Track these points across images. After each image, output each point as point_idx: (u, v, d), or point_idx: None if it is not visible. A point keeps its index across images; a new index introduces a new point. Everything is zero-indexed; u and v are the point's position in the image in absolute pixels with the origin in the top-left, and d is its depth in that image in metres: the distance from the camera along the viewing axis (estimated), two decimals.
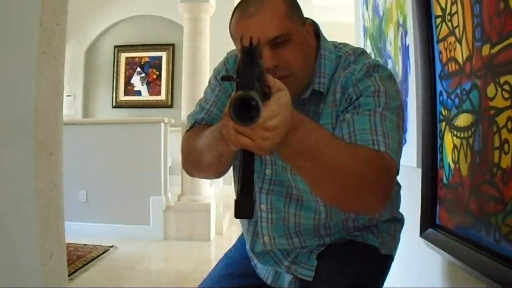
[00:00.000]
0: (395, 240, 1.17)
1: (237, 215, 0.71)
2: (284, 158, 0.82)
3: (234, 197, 0.71)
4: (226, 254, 1.29)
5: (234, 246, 1.30)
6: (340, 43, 1.08)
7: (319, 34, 1.05)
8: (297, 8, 0.99)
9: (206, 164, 1.02)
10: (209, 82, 1.17)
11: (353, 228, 1.11)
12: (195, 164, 1.07)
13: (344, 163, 0.81)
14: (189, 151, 1.07)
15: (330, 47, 1.04)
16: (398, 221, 1.19)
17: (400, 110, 0.95)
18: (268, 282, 1.17)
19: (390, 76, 0.99)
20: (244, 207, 0.70)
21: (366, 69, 0.97)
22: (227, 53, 1.17)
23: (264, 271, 1.18)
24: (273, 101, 0.66)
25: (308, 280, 1.08)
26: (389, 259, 1.14)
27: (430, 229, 1.35)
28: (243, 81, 0.64)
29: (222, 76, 1.01)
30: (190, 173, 1.13)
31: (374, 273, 1.09)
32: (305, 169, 0.82)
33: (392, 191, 0.94)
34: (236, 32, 0.95)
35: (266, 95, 0.68)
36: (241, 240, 1.26)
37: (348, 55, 1.03)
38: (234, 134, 0.69)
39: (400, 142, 0.92)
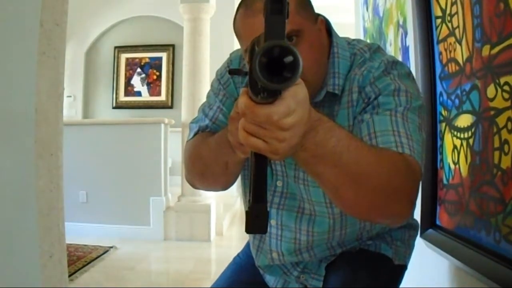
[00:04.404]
0: (410, 248, 1.10)
1: (249, 229, 0.60)
2: (300, 164, 0.72)
3: (245, 208, 0.62)
4: (234, 259, 1.23)
5: (243, 251, 1.24)
6: (353, 40, 1.01)
7: (331, 30, 0.97)
8: (308, 3, 0.90)
9: (211, 175, 0.96)
10: (212, 85, 1.08)
11: (366, 237, 1.05)
12: (199, 175, 1.01)
13: (368, 167, 0.73)
14: (192, 161, 1.00)
15: (343, 44, 0.96)
16: (413, 227, 1.14)
17: (422, 110, 0.88)
18: None
19: (409, 74, 0.93)
20: (257, 220, 0.59)
21: (384, 66, 0.90)
22: (231, 54, 1.09)
23: (272, 280, 1.12)
24: (288, 95, 0.56)
25: None
26: (403, 269, 1.08)
27: (430, 230, 1.35)
28: (270, 33, 0.50)
29: (229, 69, 0.90)
30: (194, 185, 1.05)
31: (386, 285, 1.03)
32: (325, 176, 0.72)
33: (417, 196, 0.85)
34: (241, 30, 0.88)
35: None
36: (249, 245, 1.19)
37: (363, 51, 0.95)
38: (244, 136, 0.59)
39: (423, 145, 0.85)
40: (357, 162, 0.71)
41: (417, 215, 1.40)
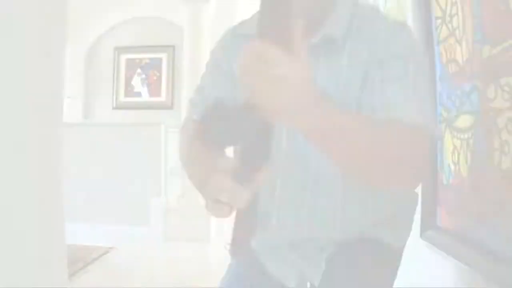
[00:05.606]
0: (410, 224, 1.09)
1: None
2: (309, 141, 0.75)
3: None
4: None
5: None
6: None
7: None
8: None
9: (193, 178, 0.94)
10: (207, 66, 1.10)
11: (368, 224, 1.02)
12: (186, 171, 1.00)
13: (378, 142, 0.74)
14: (183, 161, 1.01)
15: None
16: (414, 201, 1.12)
17: (428, 73, 0.91)
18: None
19: (415, 38, 0.93)
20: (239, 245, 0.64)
21: (391, 28, 0.88)
22: (223, 35, 1.08)
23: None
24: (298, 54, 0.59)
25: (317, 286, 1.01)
26: (402, 249, 1.08)
27: (431, 231, 1.35)
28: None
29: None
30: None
31: (386, 276, 1.03)
32: (335, 154, 0.75)
33: (428, 162, 0.87)
34: None
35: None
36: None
37: (367, 10, 0.94)
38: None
39: (434, 108, 0.87)
40: (367, 139, 0.73)
41: (417, 215, 1.40)
